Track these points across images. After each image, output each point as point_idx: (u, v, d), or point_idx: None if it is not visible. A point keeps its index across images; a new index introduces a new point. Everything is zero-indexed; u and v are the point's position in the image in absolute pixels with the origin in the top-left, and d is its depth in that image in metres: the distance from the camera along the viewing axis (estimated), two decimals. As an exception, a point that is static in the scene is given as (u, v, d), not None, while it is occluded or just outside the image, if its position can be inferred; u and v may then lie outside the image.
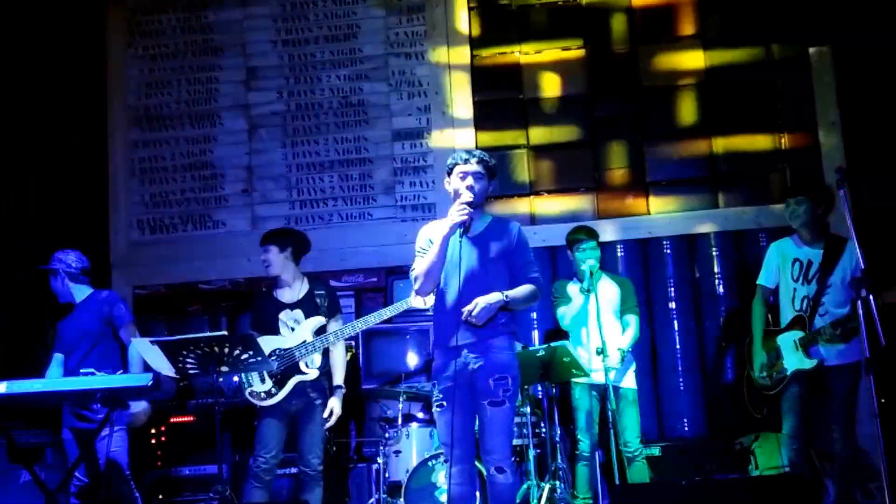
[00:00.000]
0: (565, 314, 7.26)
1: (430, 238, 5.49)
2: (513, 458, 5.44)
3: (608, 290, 7.29)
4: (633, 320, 7.26)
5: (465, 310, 5.22)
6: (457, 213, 5.28)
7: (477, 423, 5.41)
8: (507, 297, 5.30)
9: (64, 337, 6.64)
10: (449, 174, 5.55)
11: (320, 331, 6.66)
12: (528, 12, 9.19)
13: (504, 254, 5.45)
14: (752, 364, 6.84)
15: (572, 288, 7.29)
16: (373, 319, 6.70)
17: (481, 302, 5.22)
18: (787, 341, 6.62)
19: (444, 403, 5.32)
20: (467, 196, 5.37)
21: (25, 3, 8.82)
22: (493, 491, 5.33)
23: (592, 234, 7.31)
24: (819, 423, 6.72)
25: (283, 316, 6.70)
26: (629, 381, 7.19)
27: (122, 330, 6.61)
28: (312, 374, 6.55)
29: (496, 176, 5.63)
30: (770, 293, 6.86)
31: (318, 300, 6.75)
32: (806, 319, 6.56)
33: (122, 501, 6.39)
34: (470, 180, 5.43)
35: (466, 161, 5.46)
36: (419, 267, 5.42)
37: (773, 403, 6.71)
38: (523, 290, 5.41)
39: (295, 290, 6.81)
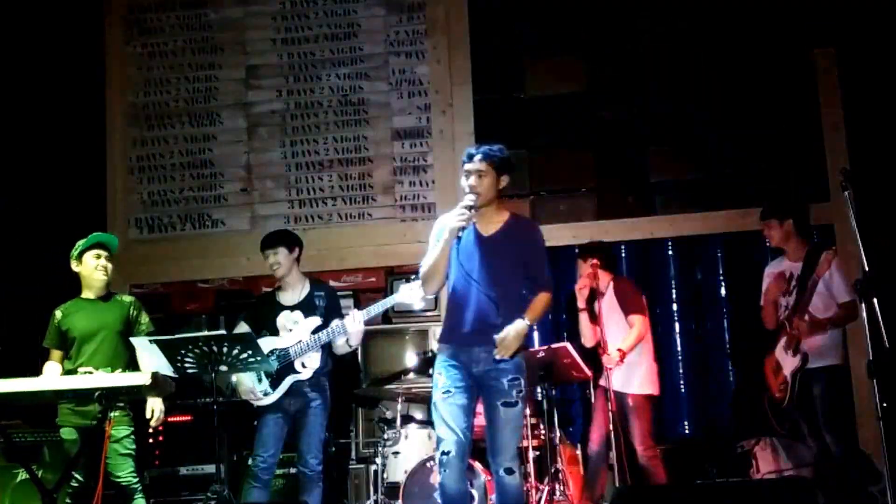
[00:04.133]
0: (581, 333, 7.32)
1: (440, 231, 5.42)
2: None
3: (610, 295, 7.28)
4: (635, 321, 7.22)
5: (499, 349, 5.18)
6: (455, 217, 5.25)
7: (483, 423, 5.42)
8: (529, 322, 5.31)
9: (80, 330, 6.45)
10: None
11: (316, 331, 6.62)
12: (530, 12, 9.17)
13: (520, 256, 5.40)
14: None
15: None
16: (389, 302, 6.66)
17: (511, 333, 5.19)
18: (780, 350, 6.70)
19: (452, 390, 5.29)
20: (467, 199, 5.29)
21: (24, 3, 8.79)
22: (504, 492, 5.31)
23: (590, 251, 7.33)
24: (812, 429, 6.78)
25: (283, 318, 6.65)
26: (638, 387, 7.16)
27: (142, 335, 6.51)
28: (307, 373, 6.52)
29: (511, 168, 5.51)
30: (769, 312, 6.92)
31: (317, 301, 6.72)
32: (786, 324, 6.62)
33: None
34: (473, 180, 5.34)
35: (470, 158, 5.36)
36: (425, 265, 5.40)
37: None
38: (540, 305, 5.42)
39: (297, 292, 6.75)
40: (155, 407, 6.46)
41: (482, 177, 5.33)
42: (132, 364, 6.41)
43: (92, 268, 6.48)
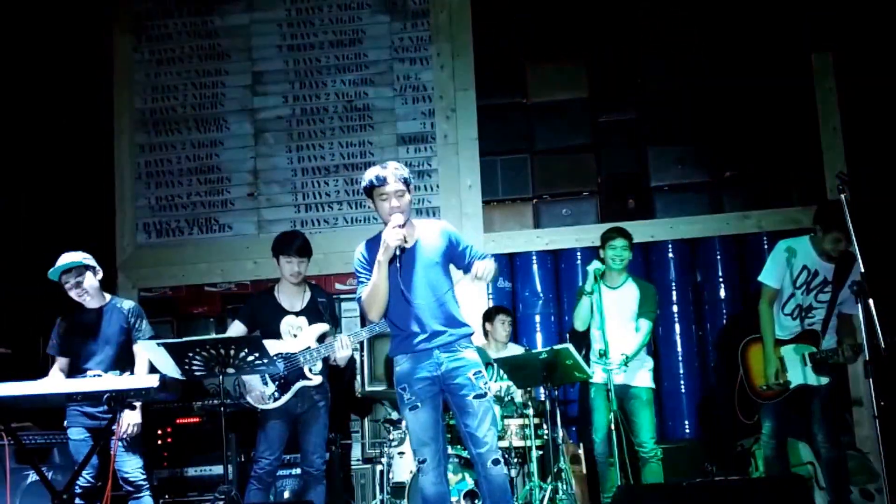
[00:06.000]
0: (576, 315, 7.33)
1: (367, 257, 5.54)
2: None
3: (628, 294, 7.31)
4: (644, 325, 7.26)
5: (479, 273, 5.35)
6: (393, 238, 5.28)
7: (454, 420, 5.60)
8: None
9: (83, 340, 6.52)
10: (368, 194, 5.51)
11: (322, 338, 6.68)
12: (532, 18, 9.25)
13: (444, 254, 5.52)
14: (764, 371, 6.64)
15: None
16: (377, 328, 6.64)
17: (487, 263, 5.39)
18: (795, 354, 6.63)
19: (419, 404, 5.42)
20: (397, 220, 5.34)
21: (33, 8, 8.88)
22: (493, 484, 5.40)
23: (624, 234, 7.33)
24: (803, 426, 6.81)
25: (287, 322, 6.66)
26: (643, 381, 7.22)
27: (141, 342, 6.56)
28: (317, 380, 6.56)
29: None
30: (776, 294, 6.70)
31: (320, 308, 6.76)
32: (819, 335, 6.58)
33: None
34: (394, 202, 5.39)
35: (384, 182, 5.38)
36: (364, 294, 5.46)
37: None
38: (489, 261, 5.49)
39: (299, 296, 6.77)
40: (129, 421, 6.39)
41: (402, 196, 5.42)
42: (128, 366, 6.52)
43: (75, 296, 6.51)
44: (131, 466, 6.40)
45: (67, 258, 6.46)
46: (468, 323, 5.61)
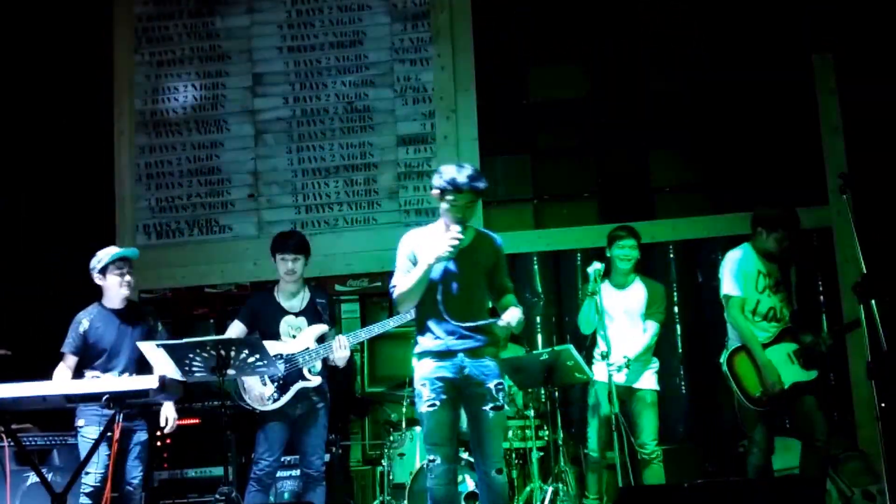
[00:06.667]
0: (580, 318, 7.30)
1: (414, 251, 5.55)
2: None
3: (636, 294, 7.28)
4: (650, 327, 7.23)
5: (510, 319, 5.34)
6: (448, 247, 5.32)
7: (467, 426, 5.63)
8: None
9: (108, 340, 6.54)
10: (441, 193, 5.47)
11: (321, 339, 6.67)
12: (532, 19, 9.26)
13: (488, 267, 5.59)
14: (762, 380, 6.54)
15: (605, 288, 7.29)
16: (376, 329, 6.67)
17: (518, 313, 5.38)
18: (780, 355, 6.62)
19: (437, 403, 5.43)
20: (457, 230, 5.39)
21: (33, 9, 8.89)
22: (494, 490, 5.46)
23: (633, 233, 7.29)
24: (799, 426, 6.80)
25: (286, 323, 6.67)
26: (648, 382, 7.19)
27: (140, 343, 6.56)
28: (316, 381, 6.55)
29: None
30: (744, 303, 6.70)
31: (320, 308, 6.76)
32: (796, 331, 6.60)
33: None
34: (461, 211, 5.44)
35: (460, 191, 5.39)
36: (402, 288, 5.49)
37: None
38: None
39: (298, 297, 6.77)
40: (168, 415, 6.61)
41: (470, 207, 5.46)
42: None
43: (116, 284, 6.54)
44: (139, 477, 6.46)
45: (134, 250, 6.65)
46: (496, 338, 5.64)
